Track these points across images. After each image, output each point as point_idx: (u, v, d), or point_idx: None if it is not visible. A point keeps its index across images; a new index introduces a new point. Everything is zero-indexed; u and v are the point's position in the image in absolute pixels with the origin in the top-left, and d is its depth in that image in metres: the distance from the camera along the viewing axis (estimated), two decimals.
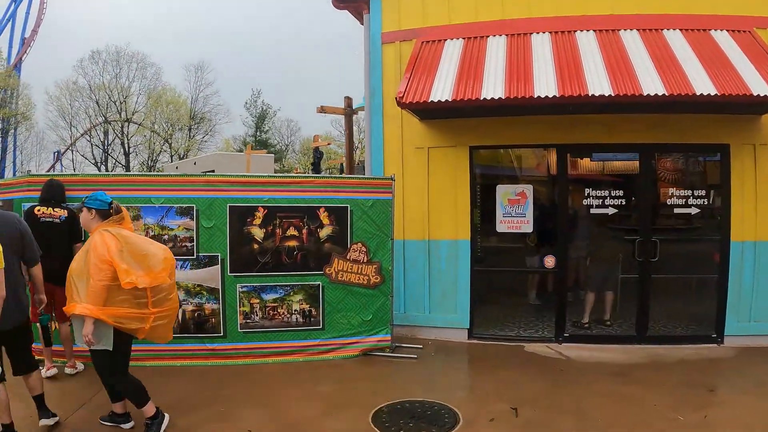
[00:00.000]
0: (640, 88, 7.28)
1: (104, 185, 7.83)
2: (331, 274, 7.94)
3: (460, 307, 8.76)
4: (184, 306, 7.78)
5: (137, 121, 43.85)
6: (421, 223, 8.91)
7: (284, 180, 8.11)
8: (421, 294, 8.92)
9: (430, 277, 8.90)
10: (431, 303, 8.91)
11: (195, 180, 7.96)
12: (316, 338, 7.95)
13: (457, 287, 8.77)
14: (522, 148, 9.50)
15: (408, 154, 9.00)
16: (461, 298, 8.75)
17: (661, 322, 9.12)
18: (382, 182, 8.12)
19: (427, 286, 8.91)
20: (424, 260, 8.90)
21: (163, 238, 7.76)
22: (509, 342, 8.66)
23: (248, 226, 7.82)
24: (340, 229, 8.01)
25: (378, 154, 9.20)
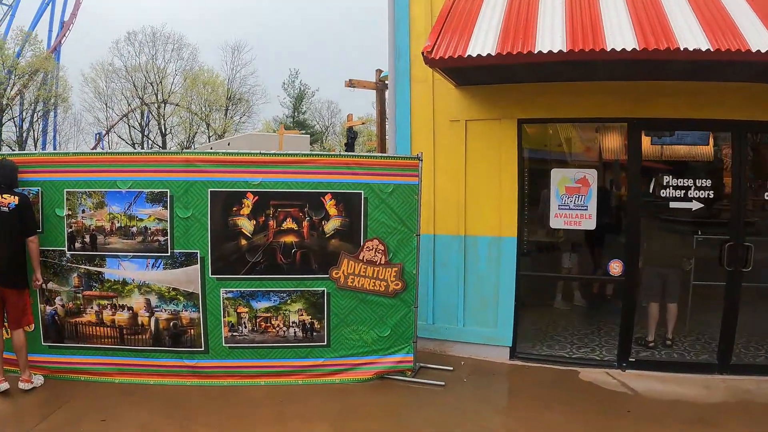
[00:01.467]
0: (746, 44, 5.18)
1: (62, 166, 6.18)
2: (339, 279, 6.09)
3: (501, 320, 6.82)
4: (157, 313, 6.08)
5: (174, 102, 42.28)
6: (456, 214, 6.95)
7: (280, 159, 6.22)
8: (454, 302, 7.03)
9: (465, 282, 6.97)
10: (466, 314, 6.99)
11: (170, 159, 6.19)
12: (319, 357, 6.16)
13: (499, 295, 6.81)
14: (583, 123, 7.41)
15: (441, 129, 7.00)
16: (503, 309, 6.80)
17: (744, 345, 7.01)
18: (406, 162, 6.18)
19: (461, 293, 6.96)
20: (458, 261, 6.98)
21: (131, 230, 6.05)
22: (560, 365, 6.71)
23: (234, 217, 6.03)
24: (351, 221, 6.13)
25: (404, 129, 7.23)
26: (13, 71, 26.30)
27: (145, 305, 6.10)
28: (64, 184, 6.13)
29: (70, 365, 6.23)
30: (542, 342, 7.20)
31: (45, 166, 6.18)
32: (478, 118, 6.76)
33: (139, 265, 6.09)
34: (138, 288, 6.10)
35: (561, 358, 6.77)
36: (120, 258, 6.11)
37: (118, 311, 6.14)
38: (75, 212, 6.13)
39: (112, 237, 6.10)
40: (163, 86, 43.30)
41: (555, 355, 6.84)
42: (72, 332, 6.23)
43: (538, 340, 7.22)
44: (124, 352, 6.17)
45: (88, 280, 6.17)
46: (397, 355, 6.20)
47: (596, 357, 6.80)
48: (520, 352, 6.82)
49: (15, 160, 6.23)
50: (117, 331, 6.17)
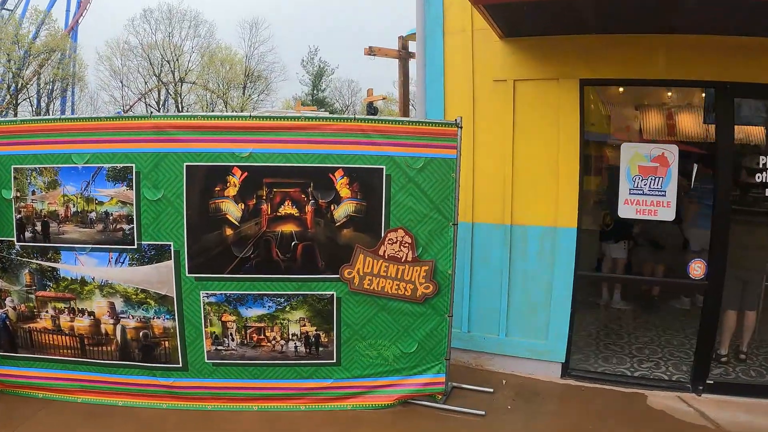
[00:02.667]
0: None
1: (7, 137, 3.97)
2: (353, 280, 3.82)
3: (553, 331, 4.49)
4: (123, 320, 3.89)
5: (190, 81, 35.59)
6: (500, 198, 4.52)
7: (276, 124, 3.89)
8: (495, 307, 4.64)
9: (510, 283, 4.57)
10: (509, 321, 4.61)
11: (135, 125, 3.89)
12: (327, 377, 3.94)
13: (552, 300, 4.46)
14: (661, 87, 4.95)
15: (482, 91, 4.55)
16: (557, 317, 4.46)
17: None
18: (441, 130, 3.87)
19: (503, 296, 4.58)
20: (501, 256, 4.58)
21: (89, 216, 3.83)
22: (622, 385, 4.38)
23: (216, 199, 3.78)
24: (369, 206, 3.83)
25: (435, 92, 4.76)
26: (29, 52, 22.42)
27: (109, 310, 3.95)
28: (10, 159, 3.98)
29: (26, 379, 4.13)
30: (596, 354, 4.90)
31: None
32: (529, 77, 4.35)
33: (100, 260, 3.92)
34: (99, 288, 3.94)
35: (622, 377, 4.49)
36: (77, 251, 3.95)
37: (77, 317, 3.99)
38: (24, 194, 3.92)
39: (67, 224, 3.92)
40: (180, 64, 36.59)
41: (614, 372, 4.55)
42: (26, 340, 4.11)
43: (591, 350, 4.94)
44: (87, 366, 4.07)
45: (41, 277, 4.02)
46: (425, 375, 3.97)
47: (663, 376, 4.52)
48: (573, 368, 4.51)
49: None
50: (77, 341, 4.04)
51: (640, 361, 4.76)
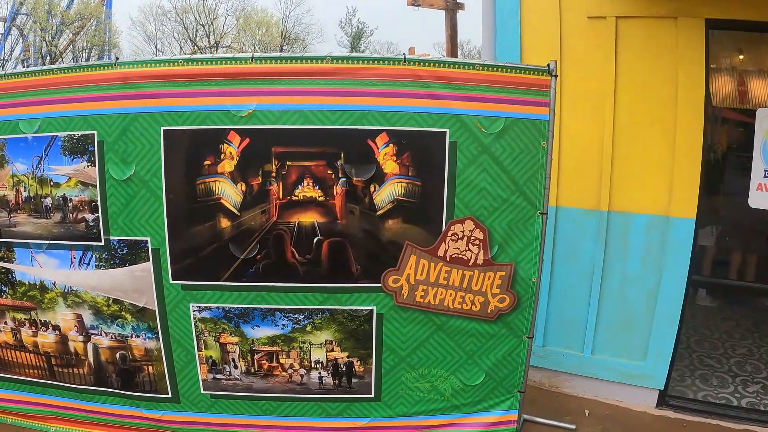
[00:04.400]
0: None
1: None
2: (400, 290, 2.00)
3: (654, 350, 2.47)
4: (95, 338, 2.13)
5: (226, 44, 26.98)
6: (594, 174, 2.42)
7: (290, 67, 1.94)
8: (580, 317, 2.58)
9: (602, 287, 2.49)
10: (597, 336, 2.54)
11: (96, 76, 1.96)
12: (362, 416, 2.16)
13: (656, 311, 2.43)
14: None
15: (571, 31, 2.41)
16: (660, 334, 2.44)
17: None
18: (527, 79, 1.91)
19: (593, 304, 2.53)
20: (592, 251, 2.50)
21: (44, 202, 2.04)
22: (730, 420, 2.42)
23: (207, 178, 1.96)
24: (426, 186, 1.94)
25: (508, 31, 2.53)
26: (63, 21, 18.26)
27: (76, 324, 2.21)
28: None
29: None
30: (691, 371, 2.87)
31: None
32: (637, 13, 2.28)
33: (61, 260, 2.16)
34: (63, 297, 2.20)
35: (728, 407, 2.53)
36: (32, 248, 2.18)
37: (40, 331, 2.24)
38: None
39: (19, 214, 2.17)
40: (215, 27, 27.75)
41: (717, 401, 2.57)
42: None
43: (685, 366, 2.91)
44: (57, 391, 2.33)
45: None
46: (491, 413, 2.18)
47: None
48: (673, 398, 2.57)
49: None
50: (43, 360, 2.31)
51: (744, 382, 2.78)
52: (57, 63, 16.41)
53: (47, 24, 16.02)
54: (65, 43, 17.96)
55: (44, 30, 15.88)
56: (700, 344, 3.18)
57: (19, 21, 15.51)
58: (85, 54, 20.53)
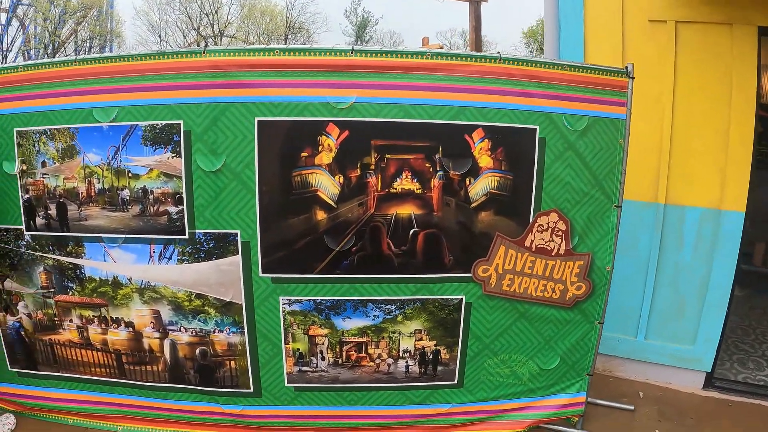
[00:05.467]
0: None
1: (7, 89, 1.58)
2: (489, 279, 1.74)
3: (702, 335, 2.20)
4: (173, 334, 1.70)
5: (230, 35, 23.30)
6: (653, 169, 2.15)
7: (391, 61, 1.65)
8: (635, 305, 2.28)
9: (657, 276, 2.21)
10: (650, 322, 2.25)
11: (184, 64, 1.58)
12: (444, 402, 1.88)
13: (706, 298, 2.18)
14: None
15: (633, 33, 2.13)
16: (708, 320, 2.18)
17: None
18: (607, 80, 1.71)
19: (648, 292, 2.23)
20: (649, 242, 2.22)
21: (120, 194, 1.61)
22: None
23: (304, 170, 1.62)
24: (516, 180, 1.70)
25: (572, 29, 2.21)
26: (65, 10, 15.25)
27: (153, 321, 1.79)
28: (11, 120, 1.73)
29: (51, 402, 1.95)
30: (729, 356, 2.57)
31: None
32: (695, 19, 2.08)
33: (138, 254, 1.74)
34: (139, 292, 1.77)
35: (766, 386, 2.30)
36: (106, 242, 1.75)
37: (111, 328, 1.79)
38: (32, 167, 1.71)
39: (92, 207, 1.73)
40: (219, 16, 23.74)
41: (756, 382, 2.32)
42: (47, 355, 1.93)
43: (723, 352, 2.49)
44: (129, 389, 1.89)
45: (60, 277, 1.83)
46: (563, 395, 1.95)
47: None
48: (717, 378, 2.34)
49: None
50: (113, 358, 1.87)
51: None
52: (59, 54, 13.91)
53: (50, 14, 13.64)
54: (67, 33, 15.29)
55: (47, 20, 13.52)
56: (734, 331, 2.87)
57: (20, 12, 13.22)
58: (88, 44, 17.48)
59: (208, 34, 21.40)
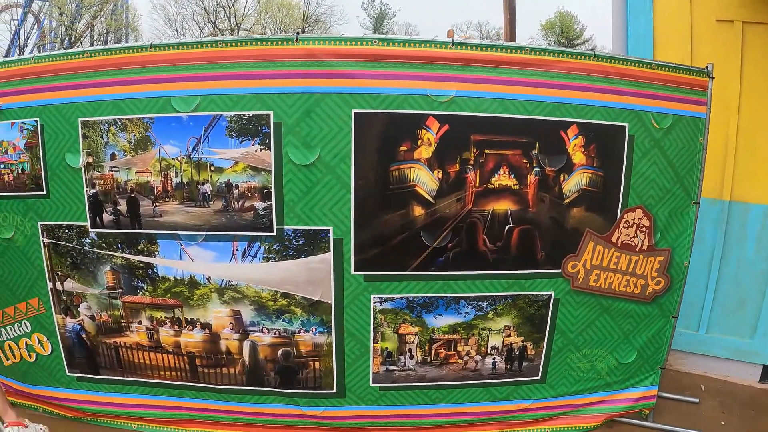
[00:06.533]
0: None
1: (73, 77, 1.43)
2: (577, 275, 1.71)
3: (762, 329, 2.18)
4: (253, 335, 1.60)
5: (246, 28, 22.14)
6: (718, 167, 2.14)
7: (491, 56, 1.57)
8: (697, 300, 2.25)
9: (720, 271, 2.20)
10: (712, 316, 2.25)
11: (276, 51, 1.47)
12: (526, 398, 1.82)
13: (766, 293, 2.15)
14: None
15: (700, 32, 2.12)
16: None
17: None
18: (689, 79, 1.70)
19: (710, 288, 2.22)
20: (712, 238, 2.21)
21: (201, 189, 1.50)
22: None
23: (402, 164, 1.53)
24: (607, 177, 1.66)
25: (641, 27, 2.19)
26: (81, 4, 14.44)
27: (232, 321, 1.67)
28: (77, 108, 1.57)
29: (114, 407, 1.80)
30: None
31: (44, 79, 1.57)
32: (762, 20, 2.10)
33: (219, 252, 1.61)
34: (218, 292, 1.64)
35: None
36: (183, 240, 1.61)
37: (184, 330, 1.67)
38: (99, 160, 1.57)
39: (168, 203, 1.59)
40: (236, 9, 22.64)
41: None
42: (111, 359, 1.77)
43: None
44: (201, 392, 1.76)
45: (129, 277, 1.68)
46: (637, 388, 1.93)
47: None
48: None
49: None
50: (185, 361, 1.73)
51: None
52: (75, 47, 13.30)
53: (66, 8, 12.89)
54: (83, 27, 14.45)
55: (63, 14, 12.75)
56: None
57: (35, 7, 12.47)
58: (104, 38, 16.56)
59: (224, 27, 20.70)
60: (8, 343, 2.02)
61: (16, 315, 2.01)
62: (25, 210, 1.84)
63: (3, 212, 1.90)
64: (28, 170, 1.84)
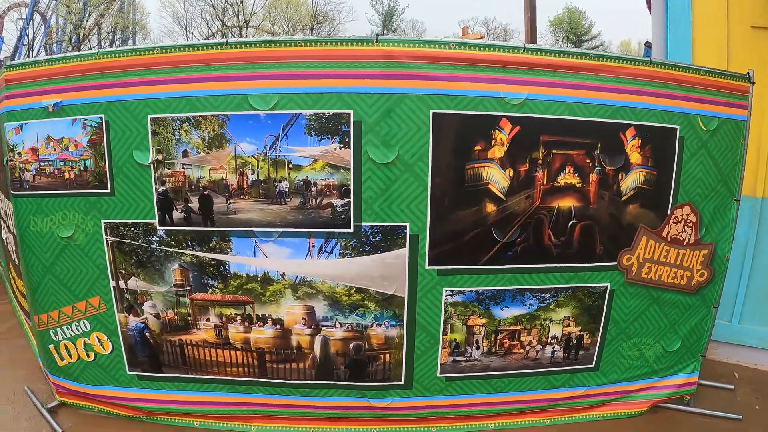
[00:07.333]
0: None
1: (142, 73, 1.50)
2: (631, 268, 1.86)
3: None
4: (326, 330, 1.67)
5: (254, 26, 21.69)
6: (751, 165, 2.22)
7: (558, 61, 1.69)
8: (732, 289, 2.41)
9: (753, 264, 2.41)
10: (745, 307, 2.46)
11: (355, 53, 1.56)
12: (581, 385, 1.97)
13: None
14: None
15: (736, 39, 2.31)
16: None
17: None
18: (732, 85, 1.88)
19: (744, 280, 2.43)
20: (746, 233, 2.40)
21: (278, 187, 1.56)
22: None
23: (477, 163, 1.65)
24: (659, 176, 1.82)
25: (680, 34, 2.37)
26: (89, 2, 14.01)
27: (305, 317, 1.75)
28: (146, 105, 1.63)
29: (176, 405, 1.85)
30: None
31: (112, 74, 1.62)
32: None
33: (295, 249, 1.70)
34: (292, 289, 1.72)
35: None
36: (258, 237, 1.69)
37: (255, 326, 1.72)
38: (170, 157, 1.61)
39: (243, 200, 1.66)
40: (244, 7, 22.15)
41: None
42: (175, 357, 1.82)
43: None
44: (268, 388, 1.83)
45: (199, 274, 1.75)
46: (679, 375, 2.09)
47: None
48: None
49: (54, 69, 1.62)
50: (253, 357, 1.81)
51: None
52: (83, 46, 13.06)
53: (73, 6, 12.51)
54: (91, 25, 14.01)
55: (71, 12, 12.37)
56: None
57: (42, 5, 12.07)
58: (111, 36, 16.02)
59: (233, 25, 20.51)
60: (64, 343, 2.02)
61: (74, 314, 2.01)
62: (87, 208, 1.86)
63: (62, 210, 1.91)
64: (91, 167, 1.87)
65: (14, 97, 1.92)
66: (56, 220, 1.93)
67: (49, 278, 1.97)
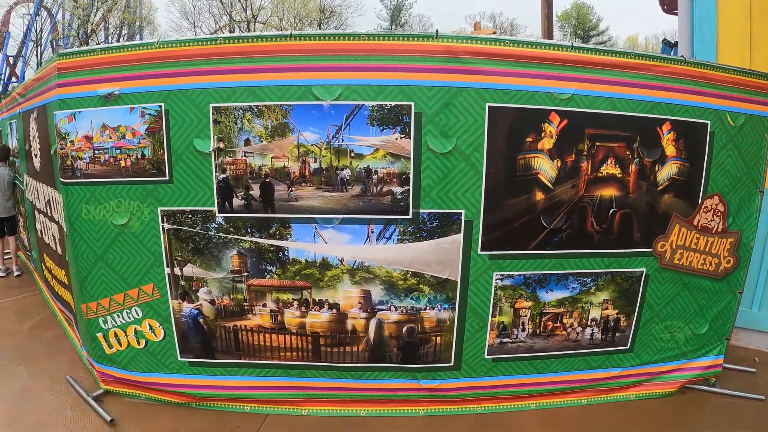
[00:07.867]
0: None
1: (204, 62, 1.60)
2: (665, 254, 2.02)
3: None
4: (381, 314, 1.76)
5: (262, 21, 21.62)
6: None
7: (603, 59, 1.82)
8: (752, 277, 2.58)
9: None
10: (765, 294, 2.63)
11: (417, 48, 1.67)
12: (616, 366, 2.12)
13: None
14: None
15: (760, 36, 2.52)
16: None
17: None
18: (757, 83, 2.05)
19: (765, 266, 2.59)
20: (765, 224, 2.49)
21: (340, 175, 1.65)
22: None
23: (528, 154, 1.79)
24: (692, 167, 1.99)
25: (705, 32, 2.55)
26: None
27: (361, 301, 1.85)
28: (207, 94, 1.73)
29: (226, 390, 1.91)
30: None
31: (173, 64, 1.68)
32: None
33: (354, 235, 1.80)
34: (350, 273, 1.83)
35: None
36: (318, 223, 1.78)
37: (311, 311, 1.81)
38: (231, 145, 1.69)
39: (305, 187, 1.76)
40: (252, 2, 22.27)
41: None
42: (228, 343, 1.90)
43: None
44: (321, 371, 1.92)
45: (258, 260, 1.84)
46: (706, 357, 2.25)
47: None
48: None
49: (111, 57, 1.68)
50: (308, 342, 1.90)
51: None
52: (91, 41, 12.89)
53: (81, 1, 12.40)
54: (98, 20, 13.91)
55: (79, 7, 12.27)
56: None
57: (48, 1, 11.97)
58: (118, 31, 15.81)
59: (241, 19, 20.55)
60: (114, 330, 2.06)
61: (125, 302, 2.05)
62: (144, 195, 1.91)
63: (117, 198, 1.96)
64: (149, 155, 1.92)
65: (68, 86, 1.97)
66: (110, 207, 1.97)
67: (101, 266, 2.01)
